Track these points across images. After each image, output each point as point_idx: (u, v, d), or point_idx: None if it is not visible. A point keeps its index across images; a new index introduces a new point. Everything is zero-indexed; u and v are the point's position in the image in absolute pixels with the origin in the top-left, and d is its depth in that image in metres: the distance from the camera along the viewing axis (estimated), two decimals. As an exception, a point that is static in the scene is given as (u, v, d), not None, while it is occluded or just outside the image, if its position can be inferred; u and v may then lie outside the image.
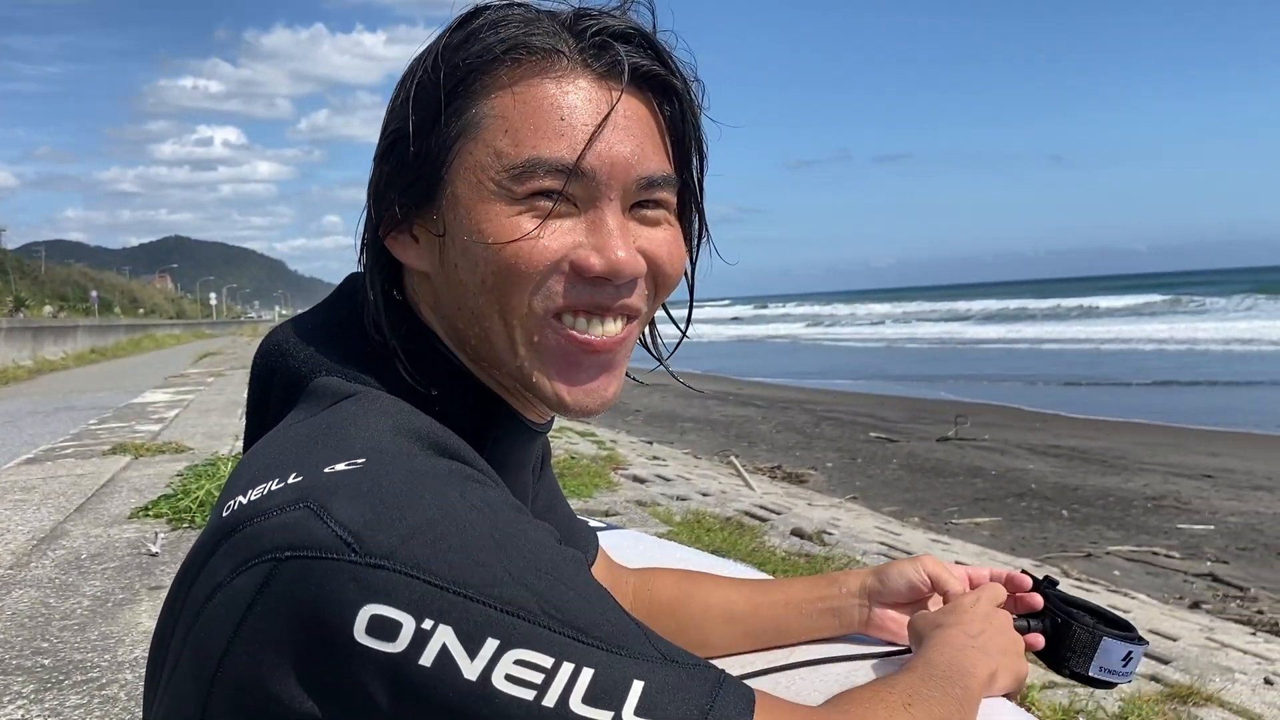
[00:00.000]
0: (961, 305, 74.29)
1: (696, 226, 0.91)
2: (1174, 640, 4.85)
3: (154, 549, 4.66)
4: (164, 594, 3.88)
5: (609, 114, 0.80)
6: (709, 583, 1.23)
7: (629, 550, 1.42)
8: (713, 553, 4.89)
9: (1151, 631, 5.00)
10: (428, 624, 0.65)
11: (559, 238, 0.80)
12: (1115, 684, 1.12)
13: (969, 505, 9.94)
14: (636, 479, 7.79)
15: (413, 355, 0.85)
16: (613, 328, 0.85)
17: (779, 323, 77.94)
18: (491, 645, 0.65)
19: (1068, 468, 11.83)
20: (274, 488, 0.73)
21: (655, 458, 10.32)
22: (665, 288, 0.88)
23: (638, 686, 0.67)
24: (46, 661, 3.27)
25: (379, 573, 0.66)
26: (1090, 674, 1.11)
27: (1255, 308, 50.21)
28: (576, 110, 0.79)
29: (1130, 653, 1.11)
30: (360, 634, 0.65)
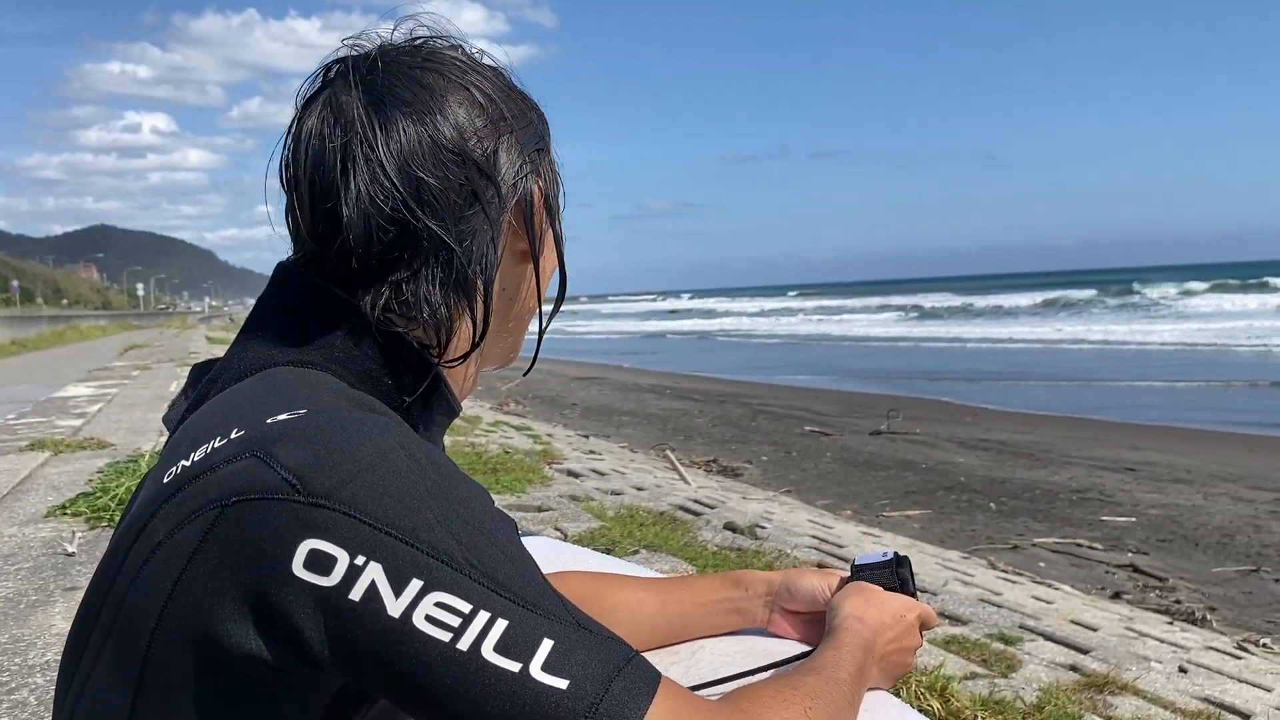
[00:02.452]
0: (895, 300, 75.31)
1: None
2: (1094, 630, 4.96)
3: (70, 549, 4.54)
4: (80, 594, 3.77)
5: None
6: (618, 582, 1.27)
7: (542, 556, 1.43)
8: (645, 547, 4.90)
9: (1073, 622, 5.11)
10: (360, 560, 0.69)
11: None
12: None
13: (900, 498, 10.09)
14: (571, 473, 7.77)
15: (403, 359, 0.89)
16: None
17: (710, 318, 78.34)
18: (415, 586, 0.69)
19: (996, 461, 12.07)
20: (217, 445, 0.76)
21: (591, 451, 10.31)
22: None
23: (547, 644, 0.71)
24: (-44, 664, 3.16)
25: (320, 511, 0.70)
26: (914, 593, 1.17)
27: (1173, 305, 51.70)
28: None
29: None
30: (298, 567, 0.70)
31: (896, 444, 13.40)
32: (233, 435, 0.76)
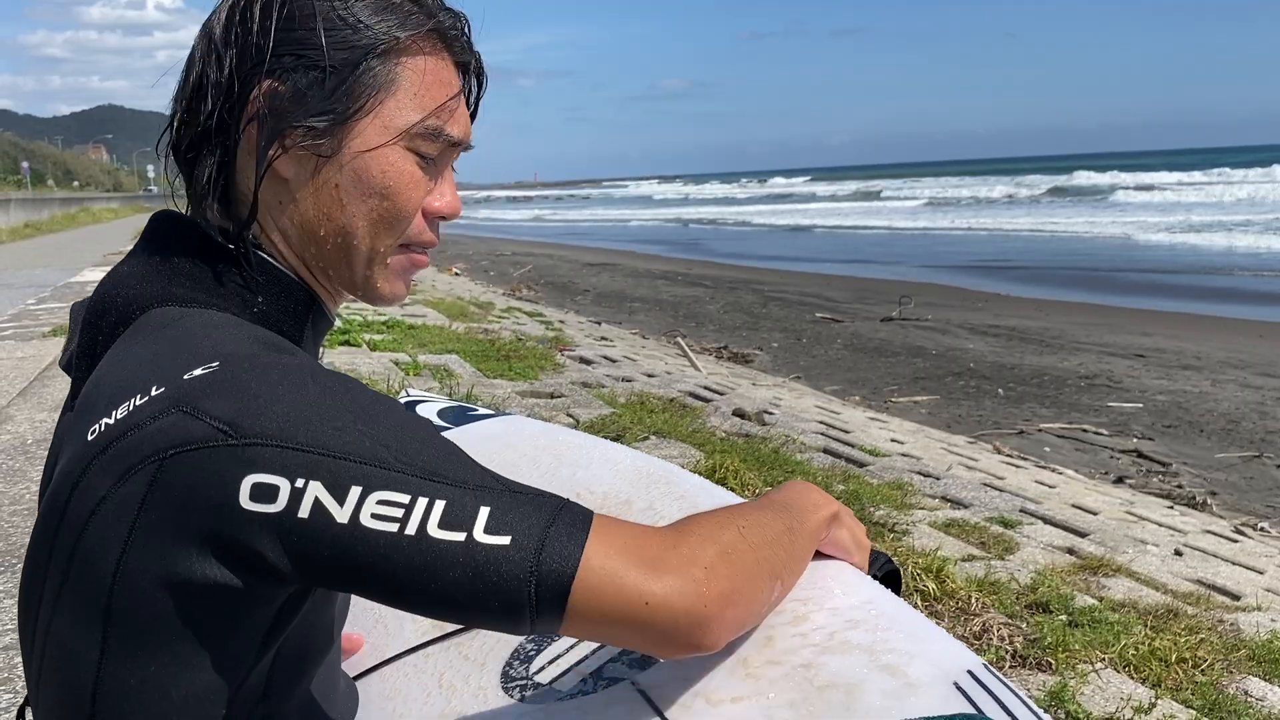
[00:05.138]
0: (912, 185, 74.25)
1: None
2: (1094, 514, 5.08)
3: (99, 433, 4.68)
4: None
5: (475, 96, 1.03)
6: None
7: (515, 436, 1.48)
8: (654, 434, 5.00)
9: (1074, 506, 5.23)
10: (300, 483, 0.77)
11: (424, 186, 0.99)
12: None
13: (909, 384, 10.19)
14: (583, 360, 7.87)
15: (242, 258, 0.96)
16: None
17: (725, 204, 77.59)
18: (356, 492, 0.77)
19: (1006, 347, 12.13)
20: (139, 402, 0.82)
21: (603, 338, 10.40)
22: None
23: (484, 511, 0.79)
24: (0, 545, 3.32)
25: (254, 449, 0.77)
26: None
27: (1197, 189, 50.89)
28: (457, 91, 1.00)
29: None
30: (246, 501, 0.77)
31: (907, 330, 13.46)
32: (153, 393, 0.82)
